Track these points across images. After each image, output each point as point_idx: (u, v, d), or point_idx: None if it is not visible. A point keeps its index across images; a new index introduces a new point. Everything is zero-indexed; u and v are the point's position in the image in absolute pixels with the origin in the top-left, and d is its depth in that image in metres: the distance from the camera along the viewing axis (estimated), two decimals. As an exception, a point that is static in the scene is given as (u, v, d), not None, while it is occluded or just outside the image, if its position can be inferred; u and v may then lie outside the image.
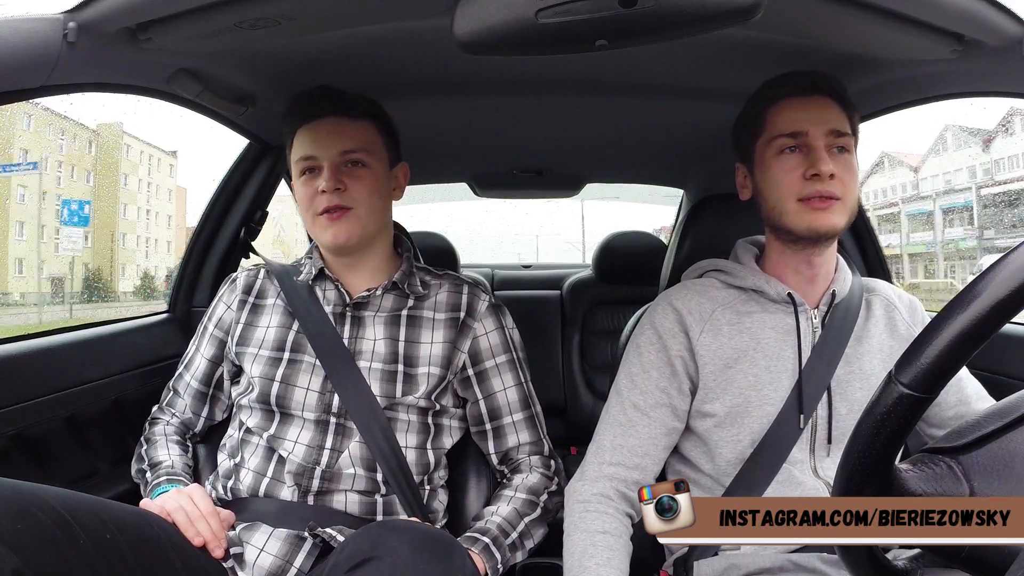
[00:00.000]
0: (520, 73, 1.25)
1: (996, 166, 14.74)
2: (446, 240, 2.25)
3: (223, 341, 1.13)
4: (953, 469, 0.54)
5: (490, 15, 0.78)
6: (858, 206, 0.98)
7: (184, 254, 1.61)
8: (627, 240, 2.33)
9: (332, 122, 1.07)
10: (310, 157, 1.07)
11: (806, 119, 0.94)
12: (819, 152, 0.92)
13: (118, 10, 0.85)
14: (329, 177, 1.04)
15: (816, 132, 0.93)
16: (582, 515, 0.93)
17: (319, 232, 1.07)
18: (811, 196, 0.92)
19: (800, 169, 0.93)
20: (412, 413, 1.05)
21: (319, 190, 1.04)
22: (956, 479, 0.53)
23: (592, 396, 2.25)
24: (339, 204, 1.04)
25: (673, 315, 0.99)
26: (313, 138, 1.07)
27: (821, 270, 0.99)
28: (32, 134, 15.54)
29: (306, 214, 1.08)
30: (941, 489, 0.53)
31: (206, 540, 0.92)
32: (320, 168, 1.06)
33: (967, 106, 13.31)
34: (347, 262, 1.10)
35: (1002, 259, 0.47)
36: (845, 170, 0.93)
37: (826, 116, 0.94)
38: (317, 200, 1.05)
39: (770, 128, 0.96)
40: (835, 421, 0.94)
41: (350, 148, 1.06)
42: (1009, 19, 0.86)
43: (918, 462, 0.55)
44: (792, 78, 0.97)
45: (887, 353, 0.98)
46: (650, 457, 0.97)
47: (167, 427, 1.14)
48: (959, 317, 0.47)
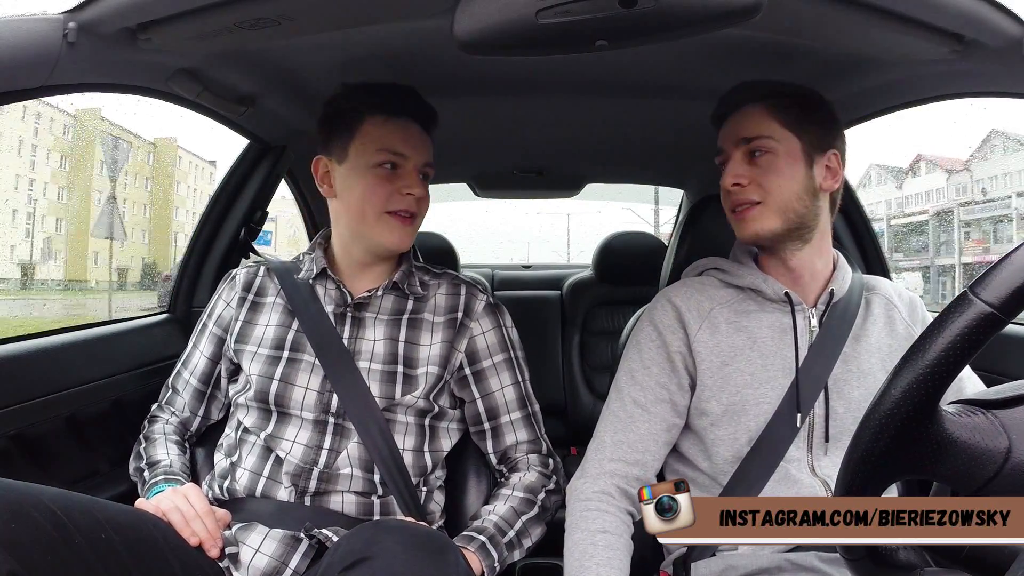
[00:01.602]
0: (520, 73, 1.25)
1: (906, 201, 18.28)
2: (446, 240, 2.25)
3: (222, 339, 1.13)
4: (992, 422, 0.52)
5: (490, 15, 0.78)
6: (810, 200, 0.97)
7: (184, 254, 1.61)
8: (627, 240, 2.33)
9: (419, 130, 1.08)
10: (399, 154, 1.04)
11: (724, 135, 1.00)
12: (728, 165, 0.98)
13: (118, 10, 0.85)
14: (418, 183, 1.05)
15: (728, 145, 0.99)
16: (583, 514, 0.93)
17: (382, 230, 1.05)
18: (732, 208, 0.98)
19: (727, 184, 0.98)
20: (410, 415, 1.04)
21: (404, 191, 1.04)
22: (996, 432, 0.52)
23: (592, 396, 2.25)
24: (415, 211, 1.06)
25: (672, 311, 0.99)
26: (405, 136, 1.05)
27: (804, 271, 0.99)
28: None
29: (369, 208, 1.04)
30: (978, 439, 0.51)
31: (202, 540, 0.92)
32: (403, 168, 1.05)
33: (887, 145, 16.64)
34: (367, 262, 1.10)
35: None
36: (763, 172, 0.95)
37: (739, 126, 0.98)
38: (394, 199, 1.04)
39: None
40: (832, 420, 0.94)
41: (429, 161, 1.08)
42: (1009, 19, 0.86)
43: (958, 410, 0.54)
44: (723, 99, 1.02)
45: (885, 352, 0.98)
46: (651, 453, 0.97)
47: (166, 426, 1.14)
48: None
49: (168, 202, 20.33)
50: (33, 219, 17.68)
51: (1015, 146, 17.17)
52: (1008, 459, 0.51)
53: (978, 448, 0.51)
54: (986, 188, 17.11)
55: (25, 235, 17.74)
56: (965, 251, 16.67)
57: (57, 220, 18.24)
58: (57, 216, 18.20)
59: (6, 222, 17.24)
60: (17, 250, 17.62)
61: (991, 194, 16.82)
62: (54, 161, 18.04)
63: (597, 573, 0.87)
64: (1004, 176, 16.99)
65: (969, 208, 16.95)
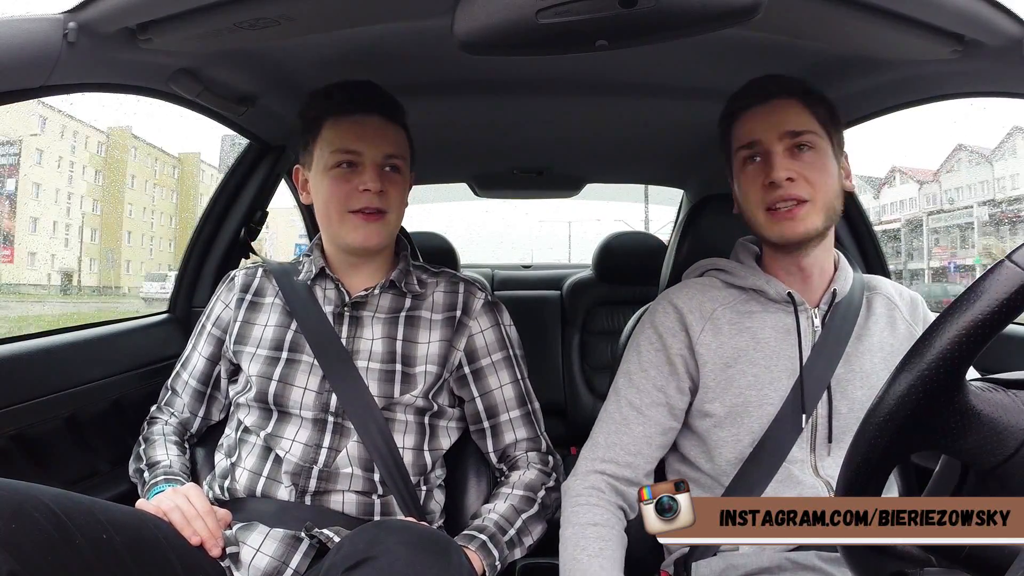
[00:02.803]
0: (520, 73, 1.25)
1: (883, 209, 20.45)
2: (446, 240, 2.25)
3: (221, 339, 1.13)
4: (1015, 400, 0.52)
5: (490, 15, 0.78)
6: (842, 200, 0.97)
7: (184, 254, 1.61)
8: (627, 240, 2.33)
9: (377, 121, 1.06)
10: (352, 151, 1.04)
11: (760, 127, 0.94)
12: (773, 159, 0.92)
13: (118, 10, 0.85)
14: (375, 178, 1.03)
15: (770, 138, 0.93)
16: (573, 509, 0.94)
17: (347, 230, 1.04)
18: (773, 205, 0.92)
19: (760, 179, 0.93)
20: (409, 413, 1.05)
21: (360, 188, 1.03)
22: (1019, 410, 0.51)
23: (592, 396, 2.25)
24: (378, 207, 1.04)
25: (674, 313, 0.99)
26: (359, 133, 1.04)
27: (814, 270, 0.99)
28: (137, 163, 22.54)
29: (333, 209, 1.04)
30: (1002, 415, 0.51)
31: (203, 539, 0.92)
32: (360, 165, 1.04)
33: (864, 156, 18.81)
34: (354, 262, 1.10)
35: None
36: (809, 168, 0.92)
37: (781, 119, 0.94)
38: (354, 198, 1.03)
39: (734, 141, 0.98)
40: (835, 420, 0.94)
41: (392, 152, 1.06)
42: (1009, 19, 0.86)
43: (982, 386, 0.53)
44: (749, 88, 0.98)
45: (887, 352, 0.98)
46: (643, 456, 0.97)
47: (165, 427, 1.14)
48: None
49: (194, 213, 21.93)
50: (69, 229, 20.14)
51: (978, 159, 19.30)
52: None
53: (1001, 423, 0.51)
54: (953, 198, 19.46)
55: (64, 244, 20.12)
56: (933, 256, 18.81)
57: (92, 231, 20.74)
58: (92, 227, 20.71)
59: (47, 232, 19.44)
60: (57, 259, 20.03)
61: (957, 203, 19.11)
62: (89, 175, 20.51)
63: (589, 564, 0.87)
64: (968, 187, 19.31)
65: (937, 216, 19.05)
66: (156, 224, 22.63)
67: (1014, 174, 18.91)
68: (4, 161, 19.09)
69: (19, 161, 19.04)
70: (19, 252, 19.49)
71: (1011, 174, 18.92)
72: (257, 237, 1.63)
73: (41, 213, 19.57)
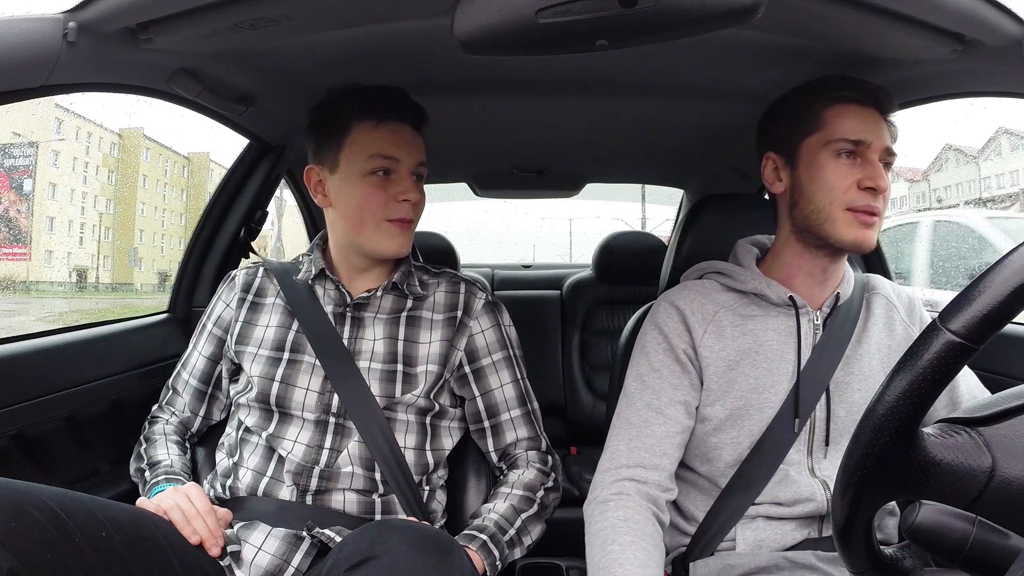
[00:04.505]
0: (520, 73, 1.25)
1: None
2: (446, 240, 2.25)
3: (222, 339, 1.13)
4: (975, 440, 0.52)
5: (490, 15, 0.78)
6: None
7: (184, 254, 1.61)
8: (627, 240, 2.32)
9: (410, 130, 1.06)
10: (392, 158, 1.03)
11: (868, 130, 0.91)
12: (877, 166, 0.91)
13: (118, 10, 0.85)
14: (413, 187, 1.04)
15: (877, 145, 0.91)
16: (601, 511, 0.88)
17: (381, 238, 1.04)
18: (861, 208, 0.90)
19: (855, 177, 0.90)
20: (411, 413, 1.05)
21: (400, 198, 1.03)
22: (979, 450, 0.51)
23: (592, 396, 2.25)
24: (412, 217, 1.05)
25: (676, 315, 0.98)
26: (397, 140, 1.04)
27: (834, 275, 0.99)
28: (149, 164, 23.84)
29: (368, 216, 1.03)
30: (962, 459, 0.51)
31: (203, 538, 0.92)
32: (396, 172, 1.04)
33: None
34: (364, 266, 1.10)
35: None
36: (887, 190, 0.92)
37: (882, 132, 0.93)
38: (392, 207, 1.03)
39: (830, 129, 0.92)
40: (833, 423, 0.94)
41: (423, 160, 1.07)
42: (1009, 19, 0.86)
43: (940, 430, 0.53)
44: (850, 83, 0.94)
45: (885, 353, 0.98)
46: (668, 456, 0.93)
47: (166, 426, 1.14)
48: (1014, 264, 0.46)
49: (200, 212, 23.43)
50: (84, 228, 21.30)
51: (965, 159, 20.23)
52: (993, 477, 0.51)
53: (961, 468, 0.51)
54: (941, 197, 20.57)
55: (79, 243, 21.01)
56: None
57: (106, 229, 21.83)
58: (106, 225, 21.82)
59: (63, 230, 20.26)
60: (72, 256, 20.93)
61: (946, 201, 20.24)
62: (103, 176, 21.64)
63: (621, 553, 0.81)
64: (956, 186, 20.36)
65: (927, 214, 20.30)
66: (168, 223, 23.45)
67: (999, 173, 19.69)
68: (23, 162, 19.84)
69: (35, 163, 19.89)
70: (35, 251, 20.29)
71: (996, 173, 19.69)
72: (257, 236, 1.63)
73: (57, 212, 20.52)
